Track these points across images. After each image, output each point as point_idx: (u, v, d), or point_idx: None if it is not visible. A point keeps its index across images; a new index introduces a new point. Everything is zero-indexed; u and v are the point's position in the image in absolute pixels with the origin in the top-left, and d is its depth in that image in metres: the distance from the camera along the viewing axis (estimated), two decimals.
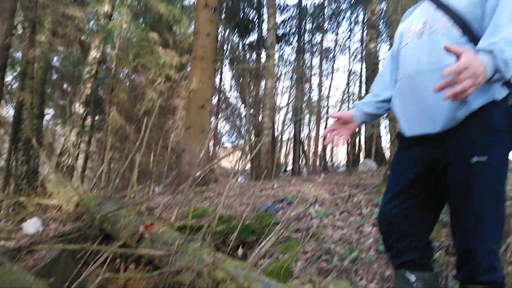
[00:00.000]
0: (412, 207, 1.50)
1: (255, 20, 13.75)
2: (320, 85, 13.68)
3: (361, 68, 14.79)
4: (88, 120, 10.82)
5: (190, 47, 9.42)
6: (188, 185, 3.13)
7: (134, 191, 4.08)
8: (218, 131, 12.92)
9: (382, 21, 11.77)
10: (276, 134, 13.74)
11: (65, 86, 12.75)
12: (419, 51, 1.47)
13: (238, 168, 9.19)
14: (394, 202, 1.53)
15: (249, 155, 9.40)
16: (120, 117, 10.23)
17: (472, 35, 1.35)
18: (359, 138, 12.91)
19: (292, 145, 13.67)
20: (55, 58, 12.06)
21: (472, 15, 1.36)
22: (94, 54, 9.20)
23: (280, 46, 15.14)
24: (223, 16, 13.18)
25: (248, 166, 11.91)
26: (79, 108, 8.78)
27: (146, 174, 10.37)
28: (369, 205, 3.85)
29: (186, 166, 6.61)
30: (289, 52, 15.58)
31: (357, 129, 12.95)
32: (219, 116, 12.82)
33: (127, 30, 9.68)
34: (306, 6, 14.57)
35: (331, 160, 15.99)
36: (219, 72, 13.64)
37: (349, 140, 12.68)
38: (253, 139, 11.70)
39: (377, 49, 11.92)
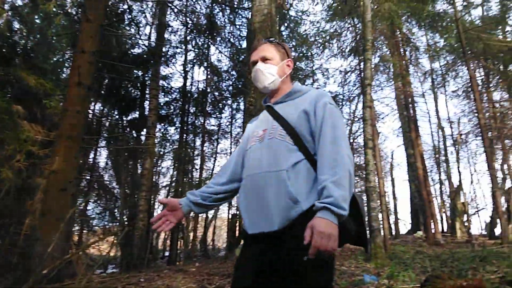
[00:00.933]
0: None
1: (137, 98, 13.61)
2: (202, 166, 13.74)
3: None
4: None
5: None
6: (30, 284, 2.60)
7: None
8: (86, 214, 11.70)
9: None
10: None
11: None
12: (261, 154, 1.63)
13: (106, 257, 8.26)
14: None
15: (118, 241, 8.54)
16: None
17: (301, 145, 1.58)
18: (239, 221, 12.93)
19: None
20: None
21: (301, 128, 1.61)
22: None
23: (163, 125, 15.09)
24: (102, 92, 12.79)
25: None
26: None
27: None
28: None
29: (37, 259, 5.66)
30: (172, 132, 15.41)
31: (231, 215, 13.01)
32: (89, 197, 11.72)
33: None
34: (191, 90, 15.03)
35: (212, 244, 15.58)
36: (94, 150, 12.80)
37: (229, 223, 12.64)
38: (126, 223, 10.85)
39: None
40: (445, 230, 14.50)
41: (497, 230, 13.13)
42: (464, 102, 17.35)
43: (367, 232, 1.62)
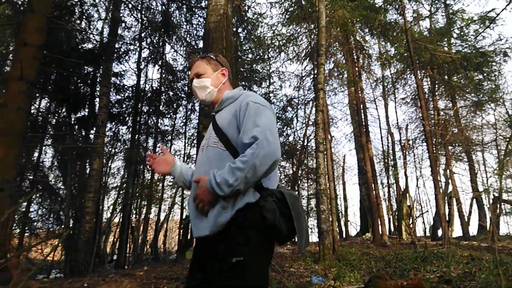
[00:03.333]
0: None
1: (87, 95, 13.00)
2: None
3: (197, 153, 15.11)
4: None
5: None
6: None
7: None
8: (28, 216, 10.99)
9: None
10: (104, 219, 12.49)
11: None
12: (201, 163, 1.76)
13: (45, 261, 7.79)
14: None
15: (59, 244, 8.08)
16: None
17: (233, 150, 1.64)
18: (190, 225, 12.67)
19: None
20: None
21: (231, 132, 1.68)
22: None
23: (115, 124, 14.51)
24: (49, 88, 12.10)
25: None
26: None
27: None
28: None
29: None
30: (123, 132, 14.83)
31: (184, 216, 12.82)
32: (30, 195, 11.02)
33: None
34: (144, 89, 14.58)
35: (163, 247, 15.20)
36: (39, 149, 12.06)
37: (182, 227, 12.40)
38: (70, 226, 10.32)
39: None
40: (392, 231, 15.09)
41: (440, 232, 13.82)
42: (412, 109, 18.18)
43: (302, 229, 1.61)
